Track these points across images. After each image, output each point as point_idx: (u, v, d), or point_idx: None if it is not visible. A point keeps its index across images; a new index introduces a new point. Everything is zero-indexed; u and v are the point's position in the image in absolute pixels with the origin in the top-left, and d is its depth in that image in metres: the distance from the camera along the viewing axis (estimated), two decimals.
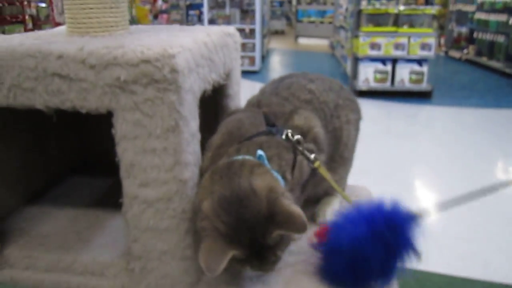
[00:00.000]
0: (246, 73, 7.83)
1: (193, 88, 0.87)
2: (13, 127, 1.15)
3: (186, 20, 12.12)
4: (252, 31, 7.90)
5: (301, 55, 10.01)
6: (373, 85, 5.51)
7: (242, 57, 8.88)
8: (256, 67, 8.04)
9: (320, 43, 10.87)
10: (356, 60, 5.60)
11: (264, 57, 9.00)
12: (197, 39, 0.95)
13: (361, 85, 5.54)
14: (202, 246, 0.78)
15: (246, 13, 7.98)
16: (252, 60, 8.10)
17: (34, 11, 9.37)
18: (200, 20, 9.65)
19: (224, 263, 0.75)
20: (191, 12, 11.84)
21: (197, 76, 0.89)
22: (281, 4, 12.81)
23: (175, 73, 0.79)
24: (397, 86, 5.45)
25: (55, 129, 1.31)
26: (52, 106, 0.85)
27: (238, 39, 1.27)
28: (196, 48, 0.90)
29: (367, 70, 5.50)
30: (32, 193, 1.25)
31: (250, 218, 0.77)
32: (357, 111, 1.21)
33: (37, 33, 1.08)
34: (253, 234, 0.78)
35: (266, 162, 0.89)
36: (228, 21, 7.97)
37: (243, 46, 7.95)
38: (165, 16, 13.42)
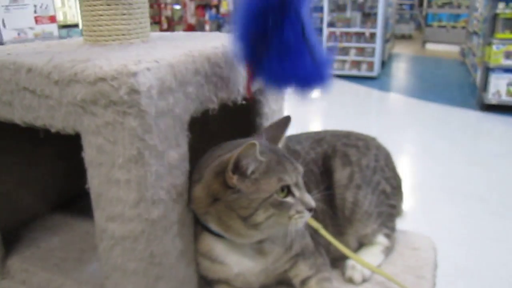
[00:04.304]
0: (363, 79, 7.43)
1: (173, 111, 0.73)
2: (46, 134, 1.14)
3: None
4: (373, 35, 7.48)
5: (427, 61, 9.19)
6: (505, 99, 4.77)
7: (360, 62, 8.49)
8: (374, 73, 7.61)
9: (449, 50, 9.87)
10: (487, 70, 4.90)
11: (385, 63, 8.47)
12: (197, 50, 0.81)
13: (491, 98, 4.84)
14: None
15: (368, 16, 7.56)
16: (370, 66, 7.68)
17: (169, 12, 10.20)
18: (322, 22, 9.46)
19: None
20: (314, 14, 11.76)
21: (182, 96, 0.75)
22: (411, 7, 11.94)
23: (136, 94, 0.66)
24: None
25: None
26: (28, 123, 0.79)
27: None
28: (188, 62, 0.76)
29: (499, 82, 4.78)
30: (60, 201, 1.24)
31: None
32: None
33: (56, 42, 1.05)
34: None
35: None
36: (348, 24, 7.67)
37: (361, 50, 7.57)
38: None
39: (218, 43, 0.90)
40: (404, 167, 3.87)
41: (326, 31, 7.76)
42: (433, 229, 2.77)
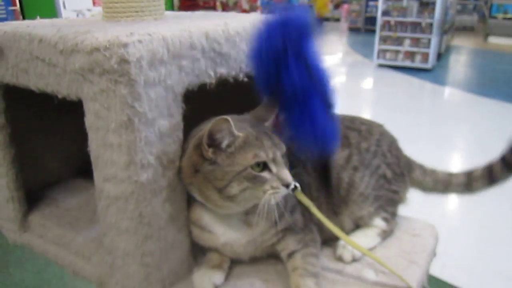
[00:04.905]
0: (416, 71, 7.18)
1: (165, 82, 0.78)
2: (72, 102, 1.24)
3: (364, 11, 11.74)
4: (429, 25, 7.19)
5: (488, 55, 8.70)
6: None
7: (414, 53, 8.15)
8: (428, 65, 7.33)
9: None
10: None
11: (442, 55, 8.12)
12: (195, 26, 0.85)
13: None
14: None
15: (426, 5, 7.26)
16: (425, 57, 7.40)
17: None
18: (377, 11, 9.19)
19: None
20: (371, 3, 11.43)
21: (175, 68, 0.80)
22: None
23: (126, 64, 0.71)
24: None
25: None
26: (41, 89, 0.87)
27: None
28: (182, 36, 0.81)
29: None
30: (84, 167, 1.33)
31: None
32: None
33: (79, 19, 1.12)
34: None
35: None
36: (403, 13, 7.41)
37: (416, 41, 7.30)
38: (346, 6, 13.23)
39: (222, 21, 0.93)
40: (454, 163, 3.73)
41: (380, 20, 7.55)
42: (476, 227, 2.68)
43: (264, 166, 0.79)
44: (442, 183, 1.12)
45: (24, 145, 1.12)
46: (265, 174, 0.79)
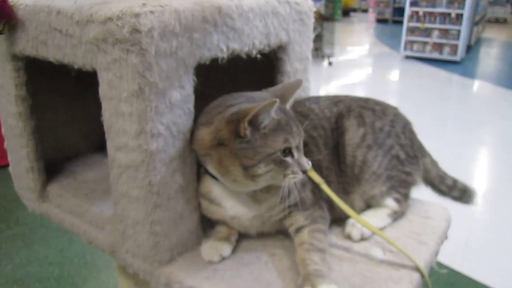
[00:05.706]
0: (444, 63, 7.02)
1: (177, 53, 0.80)
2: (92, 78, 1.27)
3: (393, 2, 11.52)
4: (459, 16, 7.00)
5: None
6: None
7: (443, 44, 7.99)
8: (457, 57, 7.16)
9: None
10: None
11: (471, 47, 7.91)
12: (208, 1, 0.86)
13: None
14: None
15: None
16: (453, 49, 7.23)
17: None
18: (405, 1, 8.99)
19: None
20: None
21: (187, 41, 0.81)
22: None
23: (137, 34, 0.73)
24: None
25: None
26: (58, 60, 0.90)
27: (305, 8, 1.11)
28: (195, 9, 0.82)
29: None
30: (103, 142, 1.37)
31: None
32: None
33: None
34: None
35: None
36: (432, 4, 7.24)
37: (445, 32, 7.13)
38: None
39: None
40: (481, 158, 3.64)
41: (408, 10, 7.40)
42: (498, 222, 2.63)
43: (288, 151, 0.81)
44: (439, 179, 1.15)
45: (45, 118, 1.16)
46: (289, 159, 0.82)
